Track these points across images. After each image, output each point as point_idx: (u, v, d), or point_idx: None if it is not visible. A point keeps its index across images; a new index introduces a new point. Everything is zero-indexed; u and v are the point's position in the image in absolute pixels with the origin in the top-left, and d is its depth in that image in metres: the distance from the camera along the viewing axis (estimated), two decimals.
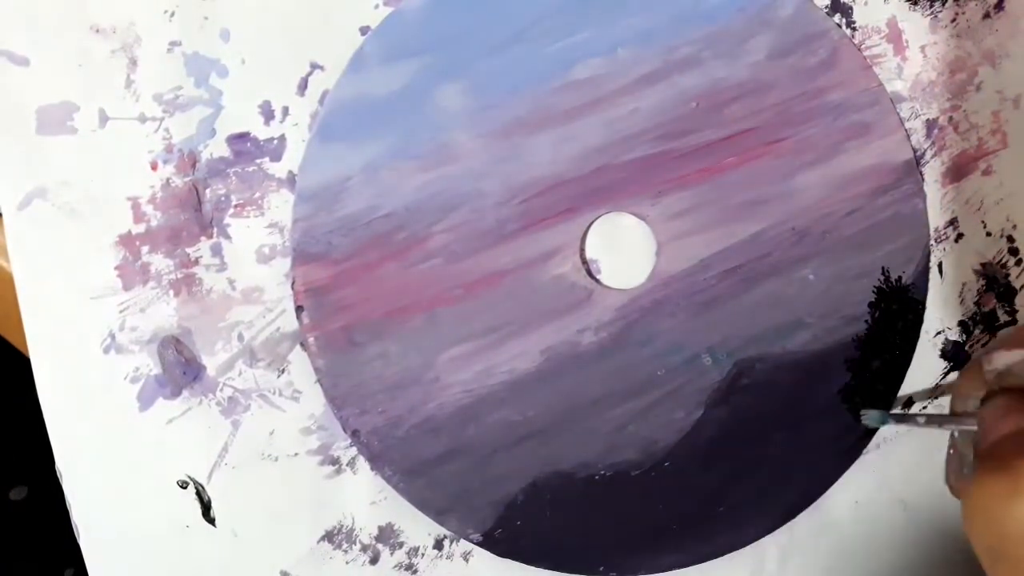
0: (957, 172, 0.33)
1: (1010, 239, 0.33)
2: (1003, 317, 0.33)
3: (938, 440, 0.32)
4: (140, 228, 0.31)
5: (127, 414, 0.32)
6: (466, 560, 0.32)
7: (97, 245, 0.31)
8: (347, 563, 0.32)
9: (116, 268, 0.31)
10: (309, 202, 0.32)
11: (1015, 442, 0.25)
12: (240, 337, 0.32)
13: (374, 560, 0.32)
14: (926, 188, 0.33)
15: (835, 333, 0.32)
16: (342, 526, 0.32)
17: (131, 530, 0.32)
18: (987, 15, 0.33)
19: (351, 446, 0.32)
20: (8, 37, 0.31)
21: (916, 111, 0.33)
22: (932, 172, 0.33)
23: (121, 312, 0.31)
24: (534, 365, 0.32)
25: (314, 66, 0.32)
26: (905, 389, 0.33)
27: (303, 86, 0.32)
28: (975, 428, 0.27)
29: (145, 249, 0.31)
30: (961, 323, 0.33)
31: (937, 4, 0.33)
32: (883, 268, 0.33)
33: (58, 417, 0.32)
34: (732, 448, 0.32)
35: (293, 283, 0.32)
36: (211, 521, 0.32)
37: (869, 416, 0.31)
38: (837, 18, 0.33)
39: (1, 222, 0.32)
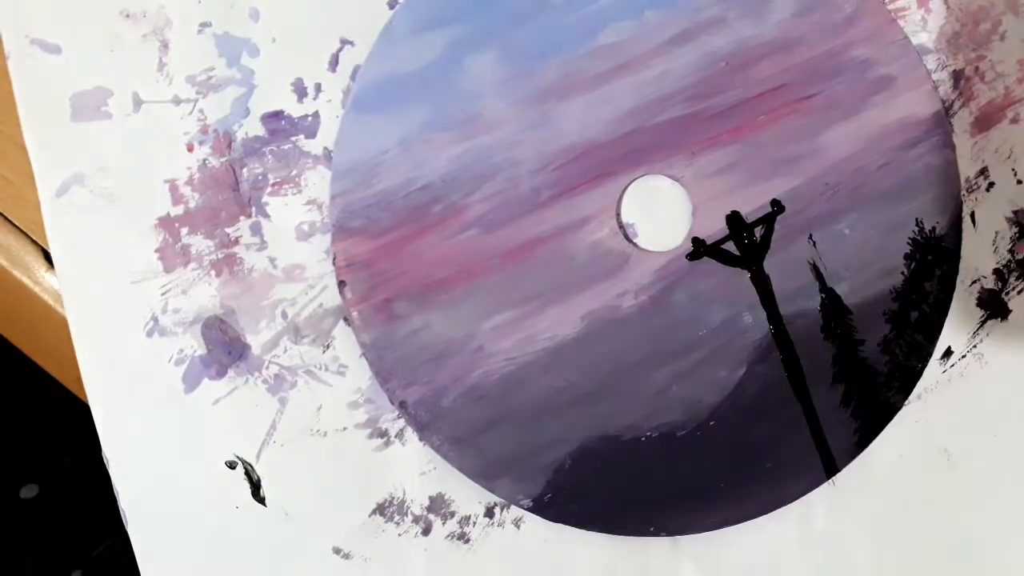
0: (985, 122, 0.33)
1: None
2: None
3: (981, 387, 0.33)
4: (179, 210, 0.32)
5: (173, 396, 0.32)
6: (517, 527, 0.32)
7: (136, 229, 0.31)
8: (399, 535, 0.32)
9: (156, 251, 0.32)
10: (346, 178, 0.32)
11: None
12: (284, 315, 0.32)
13: (426, 531, 0.32)
14: (955, 139, 0.33)
15: (872, 286, 0.33)
16: (393, 498, 0.32)
17: (180, 514, 0.32)
18: None
19: (399, 418, 0.32)
20: (39, 26, 0.31)
21: (942, 62, 0.33)
22: (961, 123, 0.33)
23: (163, 295, 0.32)
24: (575, 331, 0.32)
25: (344, 41, 0.32)
26: (944, 338, 0.33)
27: (334, 62, 0.32)
28: None
29: (185, 231, 0.32)
30: (996, 271, 0.34)
31: None
32: (917, 220, 0.33)
33: (104, 403, 0.32)
34: (775, 405, 0.32)
35: (334, 259, 0.32)
36: (261, 500, 0.32)
37: None
38: None
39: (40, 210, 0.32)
